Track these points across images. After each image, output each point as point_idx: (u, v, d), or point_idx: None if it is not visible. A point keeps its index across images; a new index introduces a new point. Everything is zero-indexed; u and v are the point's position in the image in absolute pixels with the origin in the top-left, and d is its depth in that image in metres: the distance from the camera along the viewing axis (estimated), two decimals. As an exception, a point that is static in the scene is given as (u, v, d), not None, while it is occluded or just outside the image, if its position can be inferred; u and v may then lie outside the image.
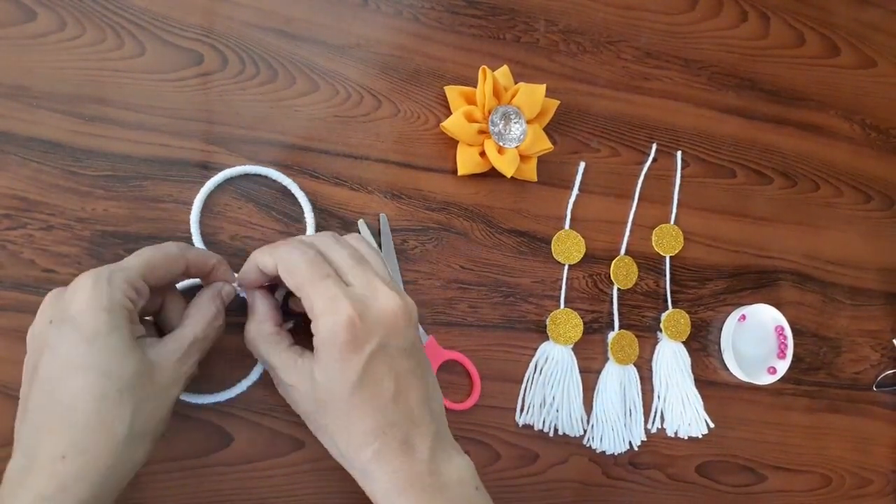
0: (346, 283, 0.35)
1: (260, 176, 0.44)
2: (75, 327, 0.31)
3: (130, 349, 0.32)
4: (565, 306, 0.50)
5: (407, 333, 0.36)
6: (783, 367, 0.55)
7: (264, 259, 0.36)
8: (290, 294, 0.41)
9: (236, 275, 0.39)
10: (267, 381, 0.43)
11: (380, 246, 0.42)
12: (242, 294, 0.40)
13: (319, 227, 0.45)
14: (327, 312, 0.34)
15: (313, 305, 0.34)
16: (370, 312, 0.34)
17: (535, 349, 0.49)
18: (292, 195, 0.44)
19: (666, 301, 0.53)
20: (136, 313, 0.34)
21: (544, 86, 0.48)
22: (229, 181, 0.43)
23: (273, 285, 0.40)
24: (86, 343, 0.31)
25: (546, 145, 0.49)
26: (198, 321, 0.36)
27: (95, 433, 0.31)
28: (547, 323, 0.49)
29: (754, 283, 0.56)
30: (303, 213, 0.44)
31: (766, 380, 0.54)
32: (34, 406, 0.32)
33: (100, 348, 0.31)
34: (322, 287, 0.34)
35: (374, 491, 0.36)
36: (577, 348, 0.50)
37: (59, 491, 0.30)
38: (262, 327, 0.38)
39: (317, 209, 0.45)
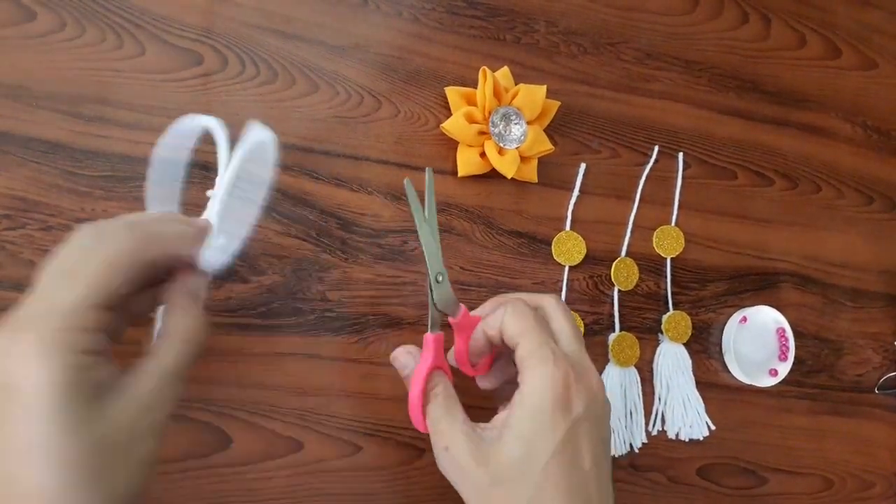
0: (561, 347, 0.36)
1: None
2: (19, 405, 0.25)
3: (92, 421, 0.26)
4: (566, 308, 0.50)
5: (605, 413, 0.36)
6: (784, 369, 0.54)
7: (493, 320, 0.37)
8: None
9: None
10: (271, 382, 0.43)
11: (422, 202, 0.38)
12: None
13: (319, 229, 0.44)
14: (547, 365, 0.34)
15: (531, 353, 0.34)
16: (582, 378, 0.34)
17: (536, 350, 0.49)
18: (292, 195, 0.44)
19: (667, 303, 0.53)
20: (102, 354, 0.28)
21: (545, 87, 0.48)
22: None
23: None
24: (35, 424, 0.25)
25: (546, 146, 0.49)
26: (175, 346, 0.30)
27: None
28: (547, 324, 0.49)
29: (755, 284, 0.56)
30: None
31: (768, 382, 0.54)
32: None
33: (52, 430, 0.25)
34: (544, 342, 0.34)
35: None
36: (578, 350, 0.50)
37: None
38: (451, 403, 0.36)
39: (317, 210, 0.45)
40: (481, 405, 0.40)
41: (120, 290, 0.28)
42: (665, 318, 0.52)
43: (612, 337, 0.51)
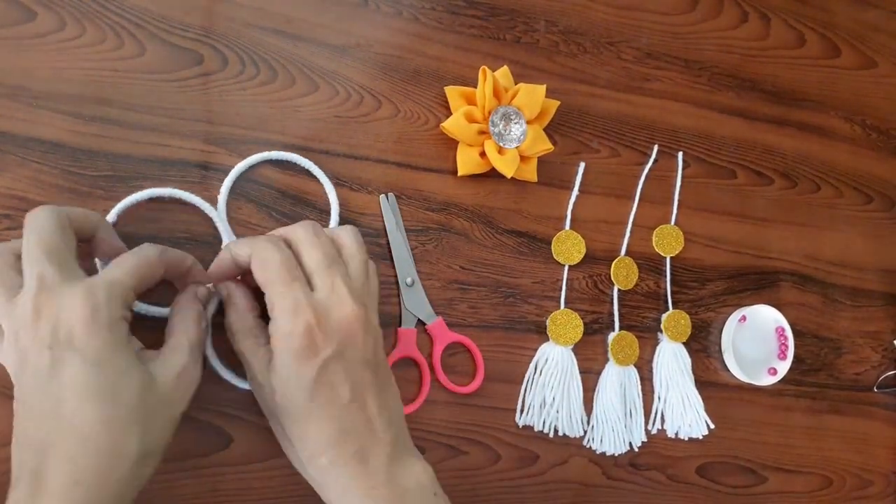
0: (312, 286, 0.35)
1: (260, 173, 0.44)
2: (77, 351, 0.30)
3: (135, 367, 0.32)
4: (565, 307, 0.50)
5: (366, 342, 0.36)
6: (784, 368, 0.55)
7: (241, 250, 0.36)
8: None
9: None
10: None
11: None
12: (218, 296, 0.40)
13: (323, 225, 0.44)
14: (286, 316, 0.34)
15: (274, 307, 0.35)
16: (329, 320, 0.35)
17: (536, 350, 0.49)
18: (293, 195, 0.44)
19: (666, 302, 0.53)
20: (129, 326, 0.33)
21: (544, 86, 0.48)
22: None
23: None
24: (91, 367, 0.30)
25: (546, 146, 0.49)
26: (188, 327, 0.36)
27: (108, 458, 0.31)
28: (547, 324, 0.49)
29: (755, 283, 0.56)
30: (307, 209, 0.44)
31: (767, 381, 0.54)
32: (35, 433, 0.31)
33: (105, 371, 0.31)
34: (286, 289, 0.34)
35: (331, 500, 0.36)
36: (578, 349, 0.50)
37: None
38: (244, 317, 0.37)
39: (317, 210, 0.45)
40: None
41: (144, 283, 0.34)
42: (664, 317, 0.52)
43: (611, 336, 0.51)
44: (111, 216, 0.39)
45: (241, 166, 0.42)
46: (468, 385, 0.46)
